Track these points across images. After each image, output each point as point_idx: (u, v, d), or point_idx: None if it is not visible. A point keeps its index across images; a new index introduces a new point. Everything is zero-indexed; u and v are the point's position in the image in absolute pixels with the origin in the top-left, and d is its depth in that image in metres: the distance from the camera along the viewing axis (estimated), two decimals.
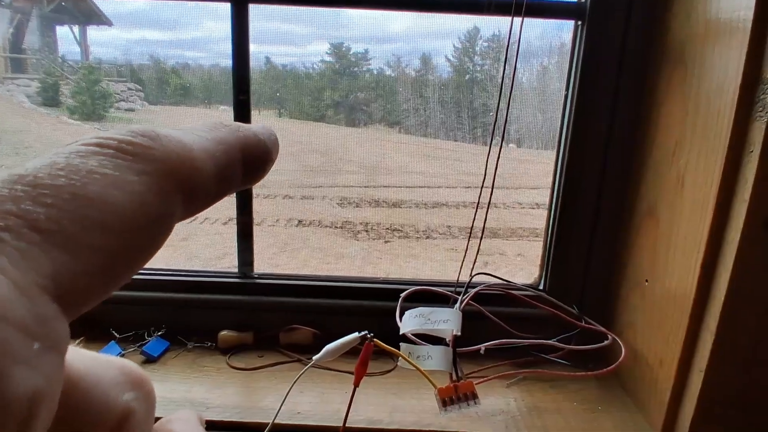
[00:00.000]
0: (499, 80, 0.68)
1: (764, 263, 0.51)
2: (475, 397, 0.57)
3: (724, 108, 0.53)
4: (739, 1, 0.52)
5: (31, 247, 0.09)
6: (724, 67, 0.53)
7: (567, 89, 0.69)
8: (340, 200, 3.93)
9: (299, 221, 3.46)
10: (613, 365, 0.62)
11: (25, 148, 4.06)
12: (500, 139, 0.68)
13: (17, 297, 0.08)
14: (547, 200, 0.76)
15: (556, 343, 0.66)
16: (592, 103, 0.68)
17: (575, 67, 0.67)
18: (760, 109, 0.50)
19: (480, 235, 0.70)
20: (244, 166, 0.15)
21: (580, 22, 0.66)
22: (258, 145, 0.16)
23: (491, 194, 0.71)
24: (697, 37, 0.58)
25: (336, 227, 3.45)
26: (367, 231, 3.39)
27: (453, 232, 3.30)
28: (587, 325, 0.69)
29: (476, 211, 0.75)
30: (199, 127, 0.15)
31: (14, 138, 4.18)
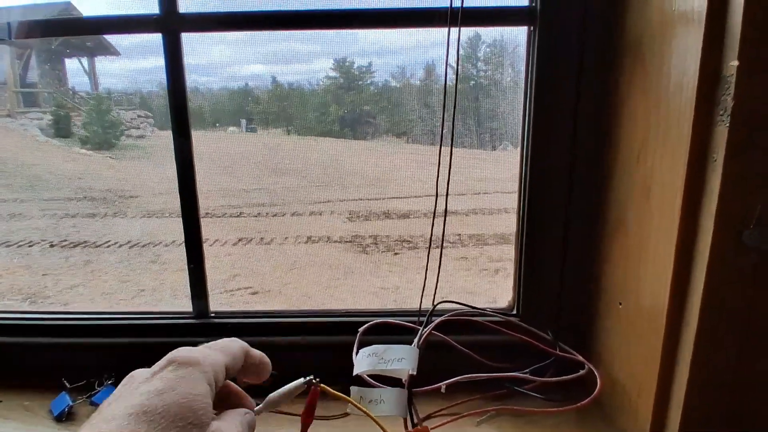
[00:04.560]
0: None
1: (738, 278, 0.46)
2: None
3: (684, 108, 0.47)
4: None
5: None
6: (682, 62, 0.48)
7: (525, 97, 0.64)
8: (349, 214, 3.90)
9: (308, 238, 3.43)
10: (589, 398, 0.57)
11: (39, 181, 4.13)
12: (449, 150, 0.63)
13: None
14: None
15: (527, 375, 0.61)
16: (552, 109, 0.63)
17: (531, 75, 0.62)
18: (722, 111, 0.44)
19: (438, 259, 0.66)
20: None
21: (531, 28, 0.61)
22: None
23: (446, 203, 0.67)
24: (654, 31, 0.53)
25: (345, 242, 3.41)
26: (376, 244, 3.34)
27: (463, 240, 3.23)
28: (562, 353, 0.63)
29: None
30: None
31: (29, 172, 4.26)
